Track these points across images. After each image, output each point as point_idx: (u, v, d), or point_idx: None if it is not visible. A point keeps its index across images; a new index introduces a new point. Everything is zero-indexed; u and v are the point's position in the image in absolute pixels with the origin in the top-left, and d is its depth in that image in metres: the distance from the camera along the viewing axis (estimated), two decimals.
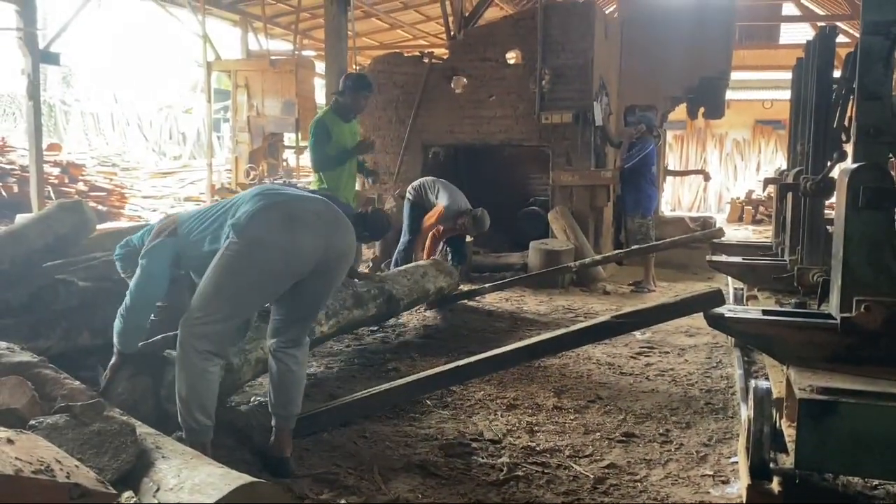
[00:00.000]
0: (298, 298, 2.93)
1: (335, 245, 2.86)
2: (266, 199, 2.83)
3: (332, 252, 2.85)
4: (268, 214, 2.74)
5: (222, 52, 12.76)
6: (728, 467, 3.11)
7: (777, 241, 5.26)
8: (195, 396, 2.67)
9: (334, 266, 2.91)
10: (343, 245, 2.92)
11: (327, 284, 2.98)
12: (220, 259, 2.70)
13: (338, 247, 2.88)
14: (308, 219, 2.80)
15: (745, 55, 15.94)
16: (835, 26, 4.23)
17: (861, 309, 2.46)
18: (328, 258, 2.84)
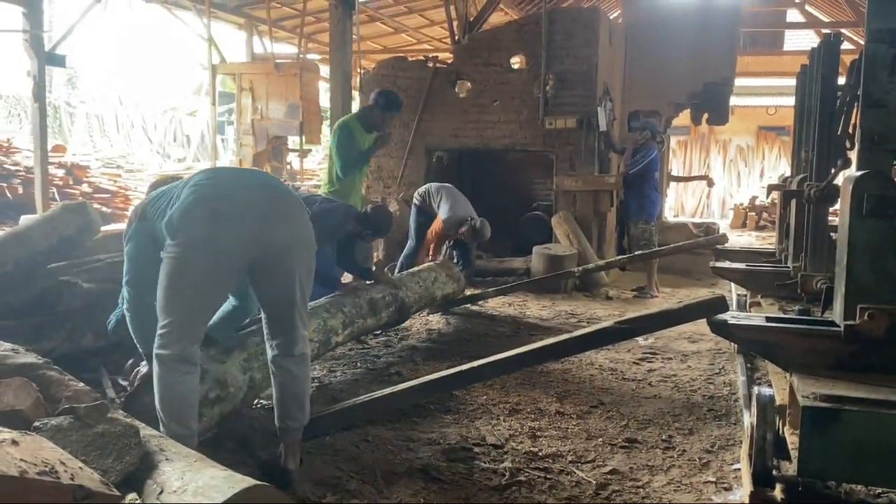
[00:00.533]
0: (266, 300, 2.86)
1: (273, 237, 2.71)
2: (197, 191, 2.72)
3: (271, 245, 2.71)
4: (193, 211, 2.65)
5: (227, 55, 12.81)
6: (731, 474, 3.11)
7: (780, 248, 5.25)
8: (169, 408, 2.61)
9: (281, 259, 2.76)
10: (284, 237, 2.75)
11: (285, 278, 2.79)
12: (163, 264, 2.65)
13: (276, 239, 2.72)
14: (235, 211, 2.66)
15: (749, 61, 15.96)
16: (839, 33, 4.24)
17: (865, 317, 2.45)
18: (269, 251, 2.71)
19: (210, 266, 2.64)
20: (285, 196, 2.87)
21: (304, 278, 2.85)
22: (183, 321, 2.66)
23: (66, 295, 4.10)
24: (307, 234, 2.88)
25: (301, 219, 2.85)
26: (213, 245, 2.62)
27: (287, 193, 2.91)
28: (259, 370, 3.30)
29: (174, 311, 2.64)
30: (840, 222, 2.67)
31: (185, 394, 2.65)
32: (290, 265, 2.79)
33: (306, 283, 2.87)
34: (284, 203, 2.82)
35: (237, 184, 2.86)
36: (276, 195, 2.83)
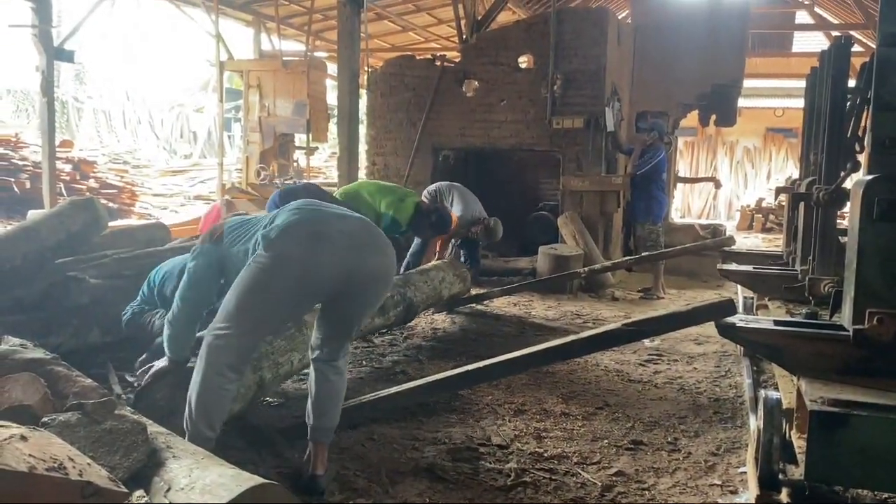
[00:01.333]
0: (332, 319, 2.88)
1: (363, 267, 2.75)
2: (301, 213, 2.78)
3: (360, 275, 2.74)
4: (296, 230, 2.70)
5: (235, 51, 12.82)
6: (736, 477, 3.10)
7: (788, 251, 5.24)
8: (203, 408, 2.61)
9: (364, 289, 2.81)
10: (373, 268, 2.80)
11: (360, 307, 2.88)
12: (246, 271, 2.67)
13: (367, 269, 2.76)
14: (334, 237, 2.70)
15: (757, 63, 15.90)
16: (850, 36, 4.22)
17: (874, 321, 2.45)
18: (356, 280, 2.75)
19: (295, 285, 2.66)
20: (378, 232, 2.93)
21: (376, 306, 3.08)
22: (248, 331, 2.67)
23: (73, 290, 4.11)
24: (393, 270, 2.97)
25: (391, 255, 2.92)
26: (306, 266, 2.65)
27: (378, 231, 2.95)
28: (269, 370, 3.31)
29: (243, 320, 2.64)
30: (850, 226, 2.66)
31: (224, 400, 2.67)
32: (371, 296, 2.88)
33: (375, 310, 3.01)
34: (378, 238, 2.89)
35: (338, 213, 2.92)
36: (369, 230, 2.89)
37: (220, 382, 2.62)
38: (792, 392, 2.88)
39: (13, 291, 4.04)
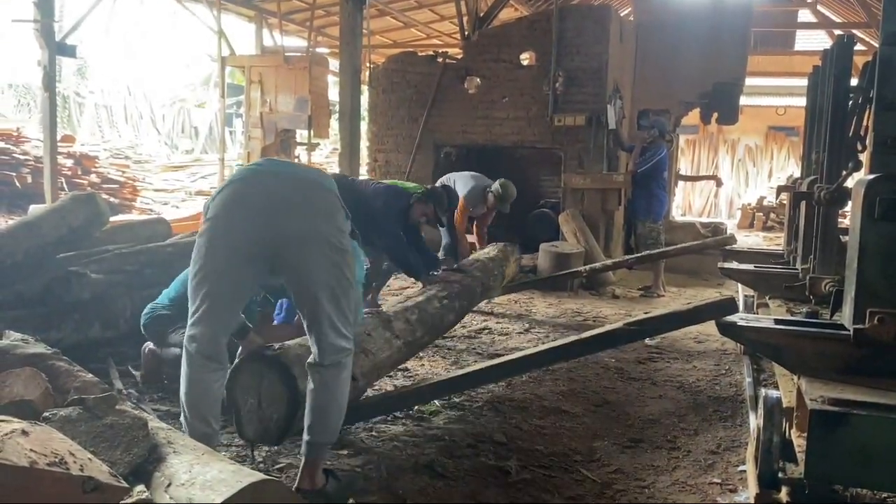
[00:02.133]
0: (293, 295, 2.74)
1: (284, 229, 2.55)
2: (232, 176, 2.75)
3: (283, 237, 2.55)
4: (220, 194, 2.63)
5: (237, 47, 12.81)
6: (736, 476, 3.10)
7: (789, 250, 5.24)
8: (193, 404, 2.58)
9: (299, 255, 2.58)
10: (299, 229, 2.56)
11: (303, 277, 2.61)
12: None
13: (289, 231, 2.55)
14: (251, 197, 2.58)
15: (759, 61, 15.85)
16: (852, 35, 4.21)
17: (875, 321, 2.44)
18: (282, 243, 2.56)
19: (227, 250, 2.57)
20: (314, 189, 2.67)
21: (329, 279, 2.59)
22: (196, 307, 2.59)
23: (74, 285, 4.12)
24: (331, 230, 2.62)
25: (324, 214, 2.63)
26: (229, 228, 2.57)
27: (317, 187, 2.69)
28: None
29: (198, 297, 2.57)
30: (851, 225, 2.66)
31: (210, 392, 2.60)
32: (306, 261, 2.58)
33: (336, 285, 2.60)
34: (308, 196, 2.63)
35: (269, 170, 2.77)
36: (302, 186, 2.65)
37: (202, 375, 2.59)
38: (792, 391, 2.88)
39: (14, 286, 4.05)
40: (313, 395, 2.63)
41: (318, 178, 2.83)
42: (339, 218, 2.68)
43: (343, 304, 2.64)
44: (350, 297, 2.69)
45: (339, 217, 2.68)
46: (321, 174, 3.08)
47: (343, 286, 2.63)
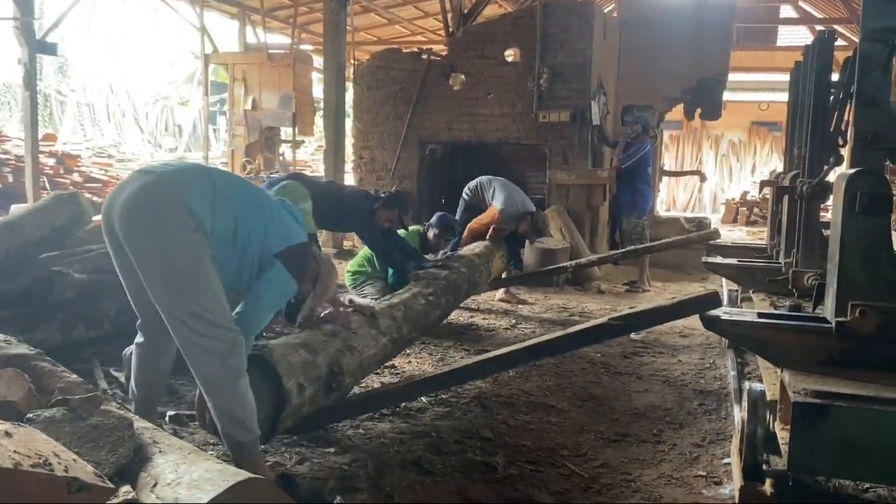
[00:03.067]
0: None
1: (115, 207, 2.50)
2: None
3: (114, 215, 2.51)
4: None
5: (220, 44, 12.74)
6: (720, 468, 3.13)
7: (772, 244, 5.28)
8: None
9: (122, 238, 2.51)
10: (132, 197, 2.48)
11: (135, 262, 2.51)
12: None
13: (118, 208, 2.49)
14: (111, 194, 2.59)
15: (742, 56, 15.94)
16: (833, 31, 4.25)
17: (856, 313, 2.47)
18: (112, 225, 2.53)
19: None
20: (159, 177, 2.56)
21: (149, 272, 2.49)
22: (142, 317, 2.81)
23: (57, 285, 4.09)
24: (141, 208, 2.48)
25: (146, 192, 2.49)
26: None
27: (155, 188, 2.52)
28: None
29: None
30: (832, 219, 2.69)
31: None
32: (129, 248, 2.50)
33: (157, 280, 2.49)
34: (145, 182, 2.52)
35: (143, 170, 2.72)
36: (151, 172, 2.60)
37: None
38: (776, 384, 2.91)
39: None
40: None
41: (184, 167, 2.85)
42: (160, 197, 2.53)
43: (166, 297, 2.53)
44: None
45: (161, 197, 2.53)
46: (197, 167, 3.06)
47: (162, 278, 2.51)
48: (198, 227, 2.48)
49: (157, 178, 2.55)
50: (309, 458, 3.06)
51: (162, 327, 2.57)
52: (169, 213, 2.46)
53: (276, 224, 2.74)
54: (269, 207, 2.79)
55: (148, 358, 2.85)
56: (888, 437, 2.19)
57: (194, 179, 2.60)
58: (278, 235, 2.73)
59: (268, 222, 2.71)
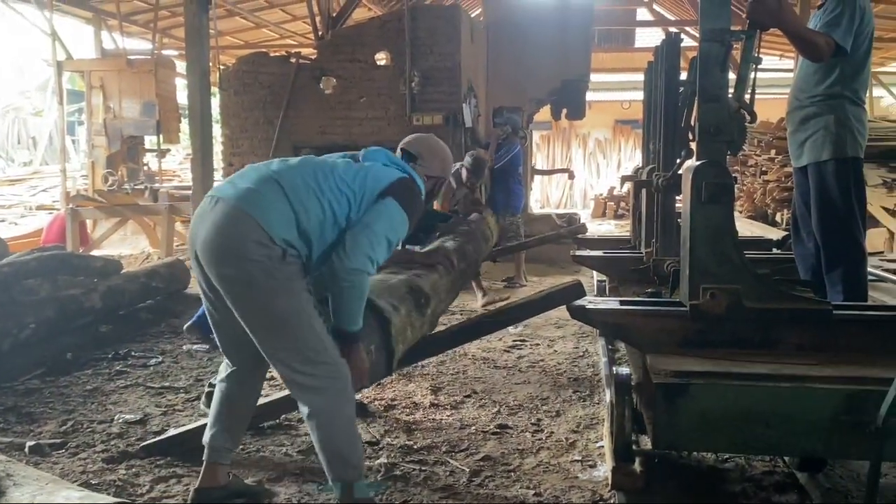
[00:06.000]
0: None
1: (198, 242, 2.41)
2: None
3: (198, 251, 2.42)
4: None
5: (74, 50, 12.02)
6: (595, 452, 3.26)
7: (635, 235, 5.55)
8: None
9: (213, 280, 2.41)
10: (209, 239, 2.36)
11: (228, 300, 2.40)
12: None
13: (202, 233, 2.39)
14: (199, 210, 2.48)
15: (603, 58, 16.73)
16: (679, 32, 4.52)
17: (707, 296, 2.64)
18: (198, 260, 2.44)
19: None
20: (234, 204, 2.36)
21: (248, 320, 2.40)
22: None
23: None
24: (237, 251, 2.33)
25: (224, 235, 2.35)
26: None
27: (261, 190, 2.40)
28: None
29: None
30: (683, 209, 2.86)
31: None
32: (224, 291, 2.40)
33: (257, 327, 2.41)
34: (221, 217, 2.36)
35: (243, 174, 2.57)
36: (223, 200, 2.39)
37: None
38: (641, 367, 3.06)
39: None
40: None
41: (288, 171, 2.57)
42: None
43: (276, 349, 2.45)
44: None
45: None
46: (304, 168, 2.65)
47: (267, 328, 2.42)
48: (285, 251, 2.36)
49: (232, 210, 2.35)
50: (183, 477, 2.95)
51: (256, 361, 2.55)
52: (253, 252, 2.31)
53: (366, 176, 2.61)
54: (346, 169, 2.63)
55: (240, 393, 2.72)
56: (739, 409, 2.35)
57: (269, 195, 2.40)
58: (373, 182, 2.59)
59: (359, 181, 2.58)
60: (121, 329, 5.51)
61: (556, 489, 2.90)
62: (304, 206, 2.41)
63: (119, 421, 3.60)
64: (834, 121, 3.57)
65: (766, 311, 2.64)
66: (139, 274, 6.37)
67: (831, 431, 2.29)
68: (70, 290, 5.30)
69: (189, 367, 4.64)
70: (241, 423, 2.77)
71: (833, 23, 3.41)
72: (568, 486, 2.93)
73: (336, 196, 2.48)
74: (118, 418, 3.63)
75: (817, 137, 3.63)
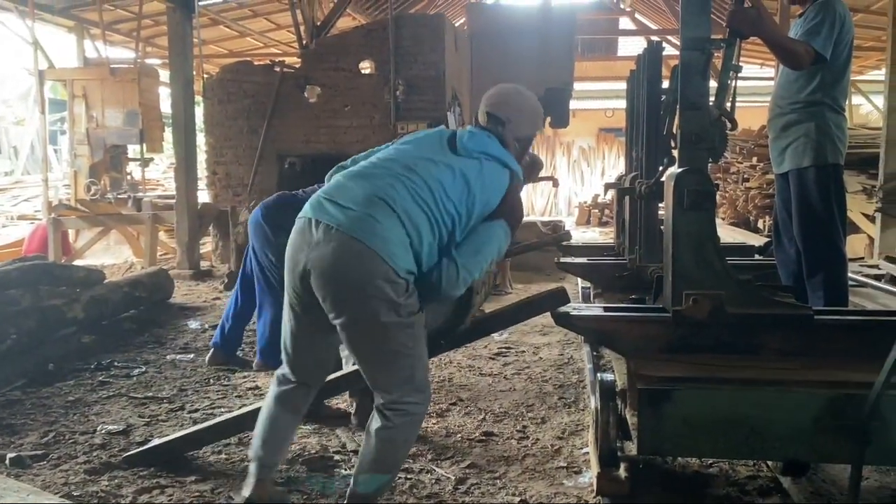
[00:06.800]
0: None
1: (311, 257, 2.30)
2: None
3: (308, 267, 2.31)
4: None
5: (57, 59, 11.94)
6: (580, 458, 3.27)
7: (619, 242, 5.59)
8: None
9: (318, 297, 2.32)
10: (328, 273, 2.27)
11: (338, 325, 2.35)
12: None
13: (314, 260, 2.29)
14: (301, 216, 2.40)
15: (587, 66, 16.84)
16: (661, 41, 4.57)
17: (690, 302, 2.66)
18: (305, 278, 2.34)
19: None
20: (350, 236, 2.25)
21: (363, 355, 2.40)
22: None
23: None
24: (354, 273, 2.25)
25: (343, 268, 2.26)
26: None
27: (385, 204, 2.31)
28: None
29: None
30: (665, 216, 2.88)
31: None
32: (333, 310, 2.33)
33: (373, 363, 2.40)
34: (338, 249, 2.26)
35: (353, 174, 2.50)
36: (338, 230, 2.27)
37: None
38: (625, 373, 3.08)
39: None
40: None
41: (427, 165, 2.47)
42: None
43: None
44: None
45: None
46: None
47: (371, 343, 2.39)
48: (408, 282, 2.31)
49: (352, 243, 2.24)
50: (167, 487, 2.93)
51: (319, 377, 2.61)
52: (381, 290, 2.24)
53: (475, 197, 2.46)
54: (452, 184, 2.44)
55: (292, 414, 2.63)
56: (723, 414, 2.37)
57: (385, 223, 2.28)
58: (481, 205, 2.48)
59: (466, 202, 2.44)
60: (104, 339, 5.46)
61: (542, 496, 2.90)
62: (417, 230, 2.31)
63: (102, 432, 3.57)
64: (814, 128, 3.62)
65: (748, 316, 2.66)
66: (122, 284, 6.32)
67: (813, 435, 2.31)
68: (52, 301, 5.25)
69: (173, 377, 4.61)
70: (288, 440, 2.73)
71: (813, 31, 3.46)
72: (553, 492, 2.94)
73: (443, 217, 2.38)
74: (101, 429, 3.60)
75: (798, 144, 3.68)
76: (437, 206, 2.35)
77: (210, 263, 9.47)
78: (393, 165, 2.44)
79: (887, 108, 8.35)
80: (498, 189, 2.52)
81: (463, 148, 2.55)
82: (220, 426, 3.29)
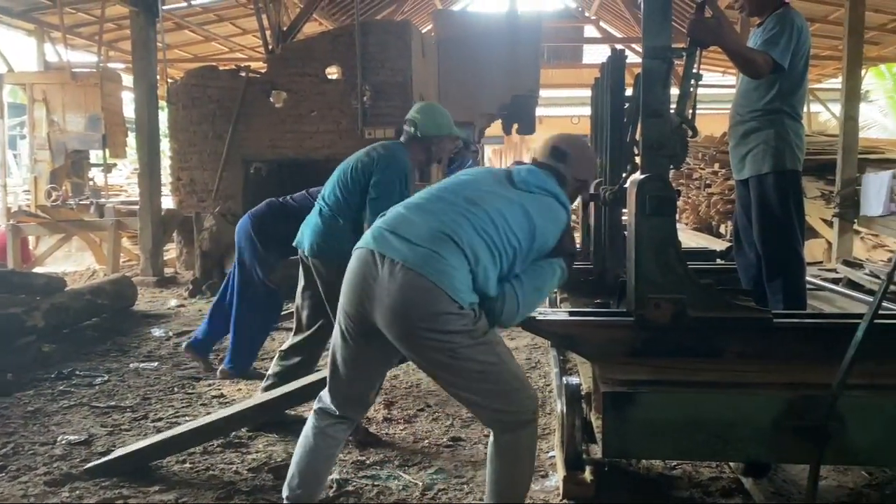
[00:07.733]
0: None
1: (377, 292, 2.30)
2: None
3: (372, 300, 2.31)
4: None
5: (16, 63, 11.73)
6: (547, 461, 3.29)
7: (583, 247, 5.63)
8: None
9: (389, 335, 2.32)
10: (397, 310, 2.26)
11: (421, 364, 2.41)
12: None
13: (380, 296, 2.28)
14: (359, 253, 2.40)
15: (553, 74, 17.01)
16: (624, 49, 4.62)
17: (652, 306, 2.70)
18: (366, 309, 2.34)
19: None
20: (414, 270, 2.25)
21: (447, 384, 2.42)
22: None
23: None
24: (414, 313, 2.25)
25: (410, 307, 2.24)
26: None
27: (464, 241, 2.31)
28: None
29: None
30: (628, 222, 2.92)
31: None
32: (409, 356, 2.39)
33: (460, 391, 2.41)
34: (404, 288, 2.25)
35: (424, 205, 2.49)
36: (403, 266, 2.27)
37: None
38: (591, 377, 3.11)
39: None
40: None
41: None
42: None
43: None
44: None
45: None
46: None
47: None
48: (476, 311, 2.31)
49: (419, 280, 2.23)
50: (129, 498, 2.89)
51: (361, 406, 2.61)
52: (453, 324, 2.24)
53: (535, 232, 2.47)
54: (514, 217, 2.45)
55: (332, 442, 2.58)
56: (686, 416, 2.40)
57: (452, 260, 2.27)
58: (541, 240, 2.50)
59: (527, 237, 2.45)
60: (65, 348, 5.37)
61: None
62: (481, 264, 2.32)
63: (62, 442, 3.51)
64: (774, 135, 3.70)
65: (709, 319, 2.70)
66: (84, 291, 6.22)
67: (774, 436, 2.36)
68: (10, 309, 5.14)
69: (136, 385, 4.55)
70: (326, 475, 2.70)
71: (772, 41, 3.54)
72: None
73: (506, 248, 2.39)
74: (61, 439, 3.54)
75: (758, 151, 3.75)
76: (500, 238, 2.37)
77: (174, 270, 9.36)
78: (456, 199, 2.46)
79: (844, 115, 8.57)
80: (555, 224, 2.55)
81: (522, 182, 2.60)
82: (185, 436, 3.26)
